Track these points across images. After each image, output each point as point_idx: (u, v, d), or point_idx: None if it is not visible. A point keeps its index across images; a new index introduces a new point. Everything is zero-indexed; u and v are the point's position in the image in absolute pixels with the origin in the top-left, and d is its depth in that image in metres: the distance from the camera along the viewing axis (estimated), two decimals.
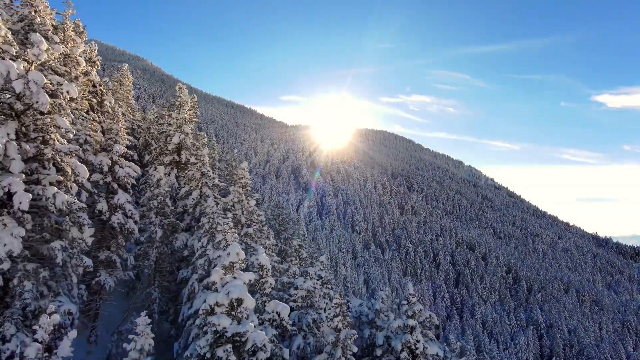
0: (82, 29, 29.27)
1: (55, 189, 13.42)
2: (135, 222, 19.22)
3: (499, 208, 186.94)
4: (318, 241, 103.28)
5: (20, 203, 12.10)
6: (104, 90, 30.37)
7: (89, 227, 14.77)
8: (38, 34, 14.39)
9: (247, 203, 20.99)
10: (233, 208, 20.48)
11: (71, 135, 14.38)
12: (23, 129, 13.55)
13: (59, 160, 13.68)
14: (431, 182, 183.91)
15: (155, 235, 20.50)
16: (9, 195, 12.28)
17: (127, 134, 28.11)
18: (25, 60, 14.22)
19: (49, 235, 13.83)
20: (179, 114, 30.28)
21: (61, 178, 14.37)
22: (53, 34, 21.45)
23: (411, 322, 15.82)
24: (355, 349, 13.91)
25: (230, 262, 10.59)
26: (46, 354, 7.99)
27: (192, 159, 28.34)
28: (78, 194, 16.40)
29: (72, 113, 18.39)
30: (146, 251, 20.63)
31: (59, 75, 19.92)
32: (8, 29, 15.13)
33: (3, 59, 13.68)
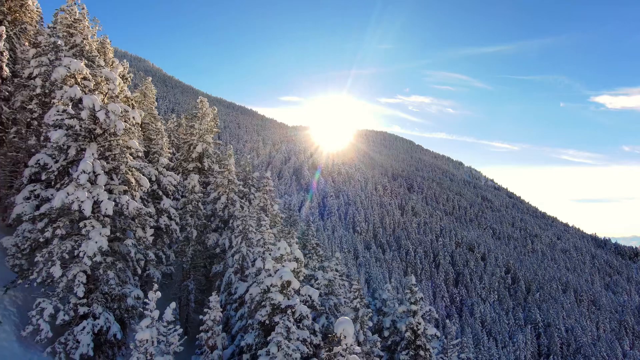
0: (109, 46, 32.74)
1: (127, 197, 16.84)
2: (177, 224, 22.64)
3: (499, 209, 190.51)
4: (320, 241, 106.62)
5: (106, 209, 15.52)
6: (134, 104, 33.82)
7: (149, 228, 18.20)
8: (115, 74, 17.77)
9: (272, 207, 24.47)
10: (259, 211, 23.92)
11: (140, 154, 17.79)
12: (100, 149, 16.95)
13: (130, 174, 17.09)
14: (431, 184, 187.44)
15: (192, 235, 23.94)
16: (97, 202, 15.69)
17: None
18: (101, 93, 17.66)
19: (120, 234, 17.26)
20: (200, 124, 33.67)
21: (127, 188, 17.80)
22: (99, 58, 25.01)
23: (414, 307, 19.25)
24: (370, 324, 17.42)
25: (280, 255, 13.97)
26: (157, 319, 11.25)
27: (215, 167, 31.78)
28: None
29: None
30: (183, 249, 24.09)
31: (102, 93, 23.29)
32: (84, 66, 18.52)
33: (85, 93, 17.12)
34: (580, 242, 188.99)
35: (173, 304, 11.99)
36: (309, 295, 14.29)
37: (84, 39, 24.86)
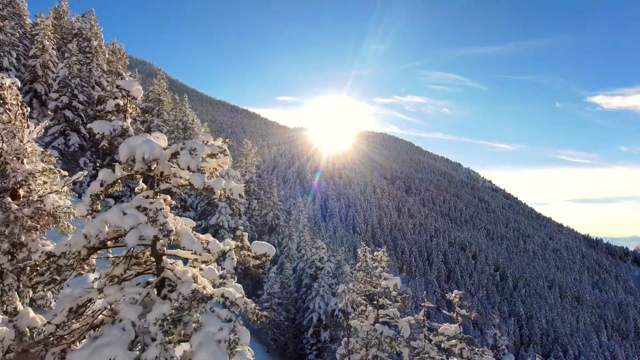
0: (198, 121, 50.68)
1: (236, 218, 35.30)
2: (246, 231, 41.18)
3: (494, 210, 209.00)
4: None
5: (232, 225, 33.95)
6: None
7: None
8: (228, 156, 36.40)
9: (302, 220, 43.05)
10: (295, 222, 42.52)
11: (243, 198, 36.33)
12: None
13: (237, 206, 35.55)
14: (429, 185, 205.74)
15: (254, 237, 42.50)
16: (227, 221, 34.10)
17: None
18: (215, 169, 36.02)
19: (233, 236, 35.75)
20: (246, 160, 52.14)
21: (234, 213, 36.23)
22: (192, 126, 43.61)
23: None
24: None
25: (319, 246, 32.23)
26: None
27: (260, 192, 50.11)
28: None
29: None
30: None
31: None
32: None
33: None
34: (572, 242, 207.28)
35: (275, 266, 30.33)
36: (330, 266, 32.51)
37: (184, 116, 43.56)
